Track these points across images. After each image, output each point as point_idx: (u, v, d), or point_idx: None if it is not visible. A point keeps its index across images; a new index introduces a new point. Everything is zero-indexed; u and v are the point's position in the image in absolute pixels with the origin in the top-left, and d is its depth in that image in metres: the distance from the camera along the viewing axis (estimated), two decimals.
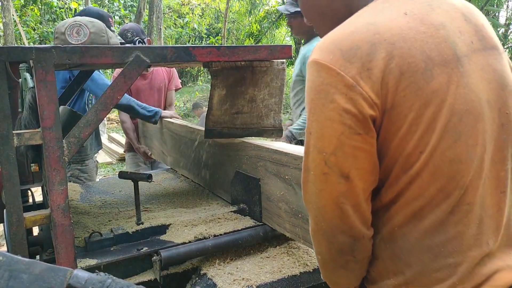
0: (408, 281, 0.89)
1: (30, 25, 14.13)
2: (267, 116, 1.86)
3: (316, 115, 0.86)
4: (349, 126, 0.83)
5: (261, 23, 16.00)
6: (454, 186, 0.85)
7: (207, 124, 1.78)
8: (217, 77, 1.67)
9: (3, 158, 1.28)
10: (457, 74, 0.86)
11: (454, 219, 0.86)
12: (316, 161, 0.87)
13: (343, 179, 0.85)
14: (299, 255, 1.61)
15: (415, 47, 0.85)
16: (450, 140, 0.84)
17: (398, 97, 0.83)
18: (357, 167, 0.85)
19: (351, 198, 0.86)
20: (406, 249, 0.89)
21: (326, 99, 0.84)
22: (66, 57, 1.31)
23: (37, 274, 1.02)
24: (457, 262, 0.86)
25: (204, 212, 1.84)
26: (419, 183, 0.85)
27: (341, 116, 0.83)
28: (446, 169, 0.85)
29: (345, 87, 0.83)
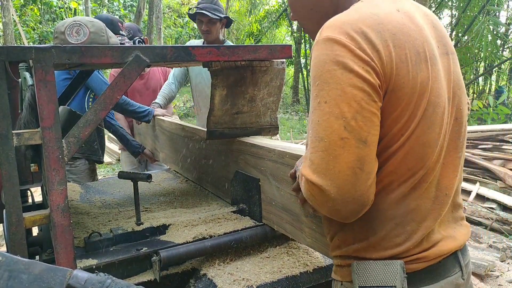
0: (371, 245, 1.00)
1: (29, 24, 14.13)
2: (264, 115, 1.86)
3: (334, 83, 0.89)
4: (368, 94, 0.89)
5: (261, 22, 15.99)
6: (421, 166, 0.97)
7: (209, 126, 1.77)
8: (217, 77, 1.67)
9: (3, 158, 1.27)
10: (434, 70, 0.97)
11: (415, 194, 0.98)
12: (332, 127, 0.88)
13: (362, 143, 0.88)
14: (299, 255, 1.61)
15: (409, 41, 0.95)
16: (425, 127, 0.95)
17: (399, 82, 0.92)
18: (373, 133, 0.90)
19: (367, 163, 0.89)
20: (374, 218, 0.99)
21: (345, 69, 0.88)
22: (66, 57, 1.30)
23: (37, 274, 1.02)
24: (413, 230, 0.98)
25: (204, 212, 1.84)
26: (394, 161, 0.95)
27: (361, 84, 0.88)
28: (418, 151, 0.95)
29: (361, 61, 0.89)
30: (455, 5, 11.71)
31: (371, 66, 0.89)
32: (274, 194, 1.57)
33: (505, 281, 3.14)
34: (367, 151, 0.88)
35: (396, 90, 0.91)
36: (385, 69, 0.90)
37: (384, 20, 0.94)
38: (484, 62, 12.67)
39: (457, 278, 1.04)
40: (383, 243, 1.00)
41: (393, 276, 0.97)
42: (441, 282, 1.01)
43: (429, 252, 1.00)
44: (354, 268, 1.00)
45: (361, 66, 0.88)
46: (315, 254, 1.63)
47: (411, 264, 0.99)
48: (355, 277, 1.00)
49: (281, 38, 20.07)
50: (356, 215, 0.94)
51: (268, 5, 17.72)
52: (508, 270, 3.30)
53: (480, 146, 5.31)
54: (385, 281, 0.97)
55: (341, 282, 1.09)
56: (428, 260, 1.00)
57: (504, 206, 4.39)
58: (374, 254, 1.01)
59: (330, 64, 0.90)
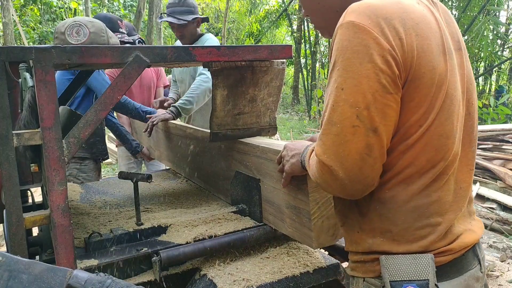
0: (394, 238, 1.00)
1: (29, 25, 14.12)
2: (264, 115, 1.87)
3: (352, 72, 0.92)
4: (383, 85, 0.91)
5: (261, 22, 15.99)
6: (440, 157, 0.97)
7: (212, 128, 1.77)
8: (218, 77, 1.67)
9: (3, 158, 1.27)
10: (451, 64, 0.98)
11: (436, 186, 0.99)
12: (346, 115, 0.92)
13: (372, 132, 0.92)
14: (300, 255, 1.61)
15: (430, 32, 0.96)
16: (442, 118, 0.97)
17: (419, 72, 0.93)
18: (385, 123, 0.93)
19: (375, 150, 0.93)
20: (394, 210, 0.99)
21: (364, 59, 0.91)
22: (66, 57, 1.30)
23: (37, 274, 1.02)
24: (437, 222, 0.99)
25: (204, 213, 1.84)
26: (412, 153, 0.96)
27: (377, 76, 0.90)
28: (436, 142, 0.97)
29: (382, 49, 0.90)
30: (455, 5, 11.71)
31: (391, 55, 0.91)
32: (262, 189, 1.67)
33: (505, 281, 3.14)
34: (376, 139, 0.92)
35: (415, 79, 0.93)
36: (406, 58, 0.92)
37: (408, 9, 0.95)
38: (484, 62, 12.68)
39: (476, 271, 1.05)
40: (406, 235, 0.99)
41: (425, 269, 0.96)
42: (464, 275, 1.02)
43: (454, 245, 1.01)
44: (383, 262, 0.99)
45: (380, 56, 0.90)
46: (315, 254, 1.63)
47: (438, 257, 0.99)
48: (384, 272, 0.98)
49: (281, 38, 20.08)
50: (361, 194, 0.99)
51: (268, 5, 17.72)
52: (508, 270, 3.30)
53: (480, 146, 5.31)
54: (417, 274, 0.96)
55: (363, 279, 1.08)
56: (453, 253, 1.01)
57: (504, 206, 4.40)
58: (399, 248, 1.00)
59: (350, 51, 0.92)
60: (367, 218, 1.03)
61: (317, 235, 1.39)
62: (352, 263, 1.13)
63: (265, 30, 15.86)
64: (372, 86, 0.91)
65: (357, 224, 1.06)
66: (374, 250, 1.03)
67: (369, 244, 1.04)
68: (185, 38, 3.11)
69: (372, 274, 1.05)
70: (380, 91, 0.91)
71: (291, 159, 1.35)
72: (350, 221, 1.09)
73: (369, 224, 1.03)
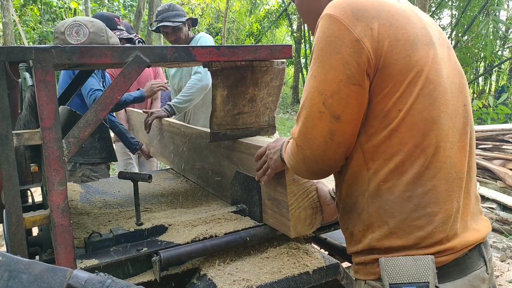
0: (392, 231, 1.01)
1: (29, 25, 14.12)
2: (263, 114, 1.87)
3: (323, 62, 1.00)
4: (348, 76, 0.98)
5: (261, 22, 16.00)
6: (428, 142, 1.00)
7: (212, 128, 1.78)
8: (218, 77, 1.67)
9: (3, 158, 1.27)
10: (433, 53, 1.03)
11: (430, 173, 1.00)
12: (314, 100, 1.01)
13: (335, 119, 1.00)
14: (299, 255, 1.61)
15: (408, 24, 1.02)
16: (426, 103, 1.00)
17: (391, 59, 0.98)
18: (348, 111, 1.00)
19: (338, 136, 1.01)
20: (391, 201, 1.01)
21: (333, 50, 0.99)
22: (66, 57, 1.30)
23: (37, 274, 1.02)
24: (434, 211, 1.00)
25: (204, 213, 1.84)
26: (398, 137, 0.99)
27: (343, 67, 0.98)
28: (422, 127, 0.99)
29: (350, 41, 0.97)
30: (455, 5, 11.71)
31: (359, 46, 0.97)
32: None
33: (505, 281, 3.14)
34: (339, 125, 1.00)
35: (387, 67, 0.98)
36: (377, 48, 0.97)
37: (385, 3, 1.02)
38: (484, 62, 12.67)
39: (482, 272, 1.04)
40: (403, 226, 1.00)
41: (425, 271, 0.96)
42: (468, 276, 1.02)
43: (455, 243, 1.00)
44: (382, 264, 1.00)
45: (348, 47, 0.97)
46: (315, 254, 1.63)
47: (439, 257, 0.99)
48: (384, 274, 0.99)
49: (281, 38, 20.08)
50: (325, 174, 1.09)
51: (268, 5, 17.72)
52: (508, 270, 3.30)
53: (480, 146, 5.31)
54: (417, 277, 0.96)
55: (364, 281, 1.08)
56: (455, 252, 1.00)
57: (504, 206, 4.39)
58: (398, 241, 1.00)
59: (323, 42, 1.00)
60: (365, 213, 1.05)
61: (294, 225, 1.52)
62: (355, 266, 1.13)
63: (265, 30, 15.86)
64: (337, 76, 0.98)
65: (358, 222, 1.08)
66: (374, 246, 1.04)
67: (369, 240, 1.05)
68: (180, 41, 3.19)
69: (373, 277, 1.05)
70: (344, 81, 0.98)
71: (274, 155, 1.44)
72: (352, 221, 1.10)
73: (367, 218, 1.05)
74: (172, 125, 2.60)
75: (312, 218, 1.56)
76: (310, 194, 1.55)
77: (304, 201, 1.53)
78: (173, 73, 3.52)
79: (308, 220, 1.55)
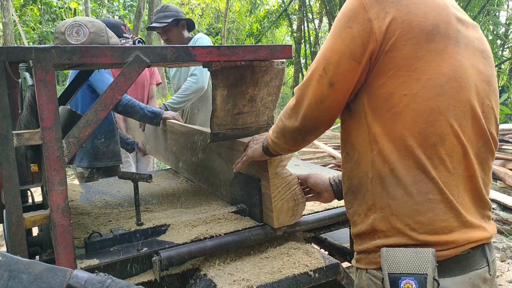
0: (393, 212, 1.03)
1: (29, 25, 14.12)
2: (263, 114, 1.87)
3: (335, 32, 1.07)
4: (351, 51, 1.03)
5: (261, 22, 16.00)
6: (432, 132, 1.01)
7: (212, 128, 1.78)
8: (218, 77, 1.67)
9: (3, 158, 1.27)
10: (453, 48, 1.04)
11: (433, 163, 1.01)
12: (319, 64, 1.09)
13: (329, 85, 1.07)
14: (299, 255, 1.61)
15: (430, 13, 1.02)
16: (433, 93, 1.01)
17: (398, 44, 1.00)
18: (342, 82, 1.06)
19: (327, 101, 1.09)
20: (393, 184, 1.04)
21: (346, 24, 1.05)
22: (66, 57, 1.30)
23: (37, 274, 1.02)
24: (435, 199, 1.01)
25: (204, 213, 1.84)
26: (402, 121, 1.01)
27: (349, 41, 1.03)
28: (427, 115, 1.01)
29: (363, 19, 1.02)
30: None
31: (369, 27, 1.01)
32: (230, 174, 1.87)
33: (505, 281, 3.14)
34: (330, 92, 1.08)
35: (393, 50, 1.01)
36: (386, 31, 1.00)
37: None
38: None
39: (484, 272, 1.05)
40: (405, 210, 1.02)
41: (425, 263, 0.97)
42: (469, 274, 1.02)
43: (457, 237, 1.01)
44: (383, 254, 1.01)
45: (359, 24, 1.02)
46: (315, 254, 1.63)
47: (441, 250, 0.99)
48: (384, 264, 1.00)
49: (281, 38, 20.08)
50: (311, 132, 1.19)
51: (268, 5, 17.72)
52: (508, 270, 3.30)
53: None
54: (416, 268, 0.97)
55: (366, 270, 1.10)
56: (457, 246, 1.01)
57: (504, 206, 4.39)
58: (398, 224, 1.02)
59: (341, 15, 1.07)
60: (369, 194, 1.08)
61: (277, 215, 1.62)
62: (356, 255, 1.15)
63: (265, 30, 15.86)
64: (342, 48, 1.04)
65: (362, 203, 1.11)
66: (375, 226, 1.06)
67: (371, 220, 1.07)
68: (171, 42, 3.22)
69: (375, 266, 1.06)
70: (347, 54, 1.03)
71: (255, 145, 1.52)
72: (356, 201, 1.13)
73: (371, 199, 1.07)
74: (166, 123, 2.70)
75: (294, 209, 1.66)
76: (292, 187, 1.64)
77: (286, 193, 1.63)
78: (172, 74, 3.56)
79: (290, 212, 1.65)
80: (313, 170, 2.63)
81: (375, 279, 1.07)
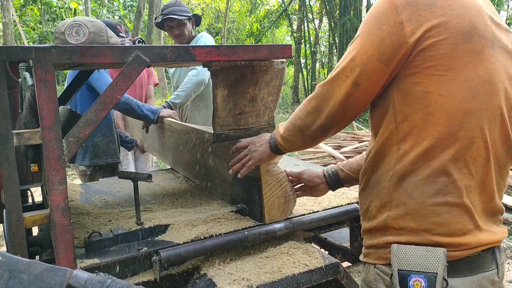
0: (408, 212, 1.03)
1: (29, 25, 14.12)
2: (263, 114, 1.87)
3: (363, 33, 1.07)
4: (380, 53, 1.03)
5: (261, 22, 16.00)
6: (463, 134, 1.00)
7: (215, 128, 1.78)
8: (218, 77, 1.67)
9: (3, 158, 1.27)
10: (488, 50, 1.03)
11: (458, 165, 1.01)
12: (346, 64, 1.09)
13: (355, 85, 1.08)
14: (299, 255, 1.61)
15: (466, 14, 1.01)
16: (468, 95, 1.00)
17: (435, 45, 0.99)
18: (368, 83, 1.07)
19: (352, 100, 1.10)
20: (413, 183, 1.03)
21: (376, 25, 1.04)
22: (66, 57, 1.30)
23: (37, 274, 1.02)
24: (454, 202, 1.01)
25: (204, 212, 1.84)
26: (434, 121, 1.00)
27: (378, 43, 1.03)
28: (460, 116, 1.00)
29: (394, 22, 1.01)
30: None
31: (400, 29, 1.00)
32: (224, 172, 1.91)
33: (505, 281, 3.14)
34: (356, 92, 1.08)
35: (431, 49, 0.99)
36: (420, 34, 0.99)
37: None
38: None
39: (493, 275, 1.05)
40: (420, 209, 1.02)
41: (435, 262, 0.97)
42: (479, 275, 1.02)
43: (470, 239, 1.01)
44: (394, 250, 1.01)
45: (390, 27, 1.01)
46: (315, 254, 1.63)
47: (452, 251, 0.99)
48: (394, 260, 1.00)
49: (281, 38, 20.08)
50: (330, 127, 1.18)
51: (268, 5, 17.72)
52: (508, 270, 3.30)
53: None
54: (426, 267, 0.98)
55: (374, 265, 1.10)
56: (468, 248, 1.01)
57: (504, 206, 4.39)
58: (412, 223, 1.02)
59: (370, 16, 1.06)
60: (385, 190, 1.07)
61: (268, 211, 1.68)
62: (365, 249, 1.15)
63: (265, 30, 15.86)
64: (370, 50, 1.04)
65: (376, 199, 1.11)
66: (388, 224, 1.06)
67: (384, 217, 1.07)
68: (183, 36, 3.22)
69: (383, 261, 1.07)
70: (375, 56, 1.03)
71: (260, 147, 1.51)
72: (371, 197, 1.13)
73: (386, 196, 1.07)
74: (164, 122, 2.74)
75: (285, 206, 1.71)
76: (283, 184, 1.69)
77: (277, 190, 1.68)
78: (172, 72, 3.57)
79: (281, 208, 1.71)
80: None
81: (383, 275, 1.07)
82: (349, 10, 10.80)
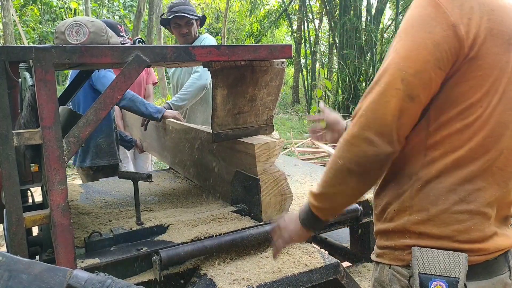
0: (430, 218, 1.01)
1: (29, 25, 14.12)
2: (262, 114, 1.87)
3: (407, 38, 0.96)
4: (437, 59, 0.94)
5: (261, 22, 16.00)
6: (493, 146, 0.98)
7: (213, 128, 1.78)
8: (218, 77, 1.67)
9: (3, 158, 1.27)
10: None
11: (485, 175, 0.99)
12: (392, 76, 0.95)
13: (409, 99, 0.95)
14: (299, 255, 1.61)
15: (507, 21, 0.98)
16: (504, 107, 0.98)
17: (483, 52, 0.95)
18: (424, 94, 0.96)
19: (405, 116, 0.96)
20: (437, 190, 1.00)
21: (425, 30, 0.95)
22: (66, 57, 1.30)
23: (37, 274, 1.02)
24: (477, 210, 0.99)
25: (204, 212, 1.84)
26: (469, 133, 0.97)
27: (433, 48, 0.94)
28: (495, 129, 0.98)
29: (446, 24, 0.93)
30: None
31: (455, 31, 0.93)
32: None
33: None
34: (410, 106, 0.95)
35: (479, 58, 0.94)
36: (473, 37, 0.93)
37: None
38: None
39: (506, 278, 1.05)
40: (443, 216, 1.00)
41: (457, 267, 0.96)
42: (494, 279, 1.02)
43: (489, 244, 1.00)
44: (415, 253, 1.00)
45: (443, 29, 0.93)
46: (315, 254, 1.63)
47: (472, 256, 0.99)
48: (415, 263, 0.99)
49: (281, 38, 20.07)
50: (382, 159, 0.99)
51: (268, 5, 17.72)
52: None
53: None
54: (448, 271, 0.96)
55: (389, 266, 1.08)
56: (487, 253, 1.00)
57: None
58: (433, 229, 1.00)
59: (416, 20, 0.97)
60: (407, 194, 1.04)
61: (265, 209, 1.71)
62: (379, 249, 1.13)
63: (265, 30, 15.86)
64: (424, 56, 0.94)
65: (395, 201, 1.07)
66: (408, 228, 1.03)
67: (404, 222, 1.04)
68: (190, 36, 3.23)
69: (400, 263, 1.05)
70: (431, 62, 0.93)
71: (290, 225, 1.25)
72: (388, 199, 1.09)
73: (408, 200, 1.04)
74: (163, 122, 2.75)
75: (281, 204, 1.75)
76: (280, 183, 1.72)
77: (274, 189, 1.72)
78: (172, 71, 3.56)
79: (277, 206, 1.74)
80: (313, 170, 2.63)
81: (399, 276, 1.05)
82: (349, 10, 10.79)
